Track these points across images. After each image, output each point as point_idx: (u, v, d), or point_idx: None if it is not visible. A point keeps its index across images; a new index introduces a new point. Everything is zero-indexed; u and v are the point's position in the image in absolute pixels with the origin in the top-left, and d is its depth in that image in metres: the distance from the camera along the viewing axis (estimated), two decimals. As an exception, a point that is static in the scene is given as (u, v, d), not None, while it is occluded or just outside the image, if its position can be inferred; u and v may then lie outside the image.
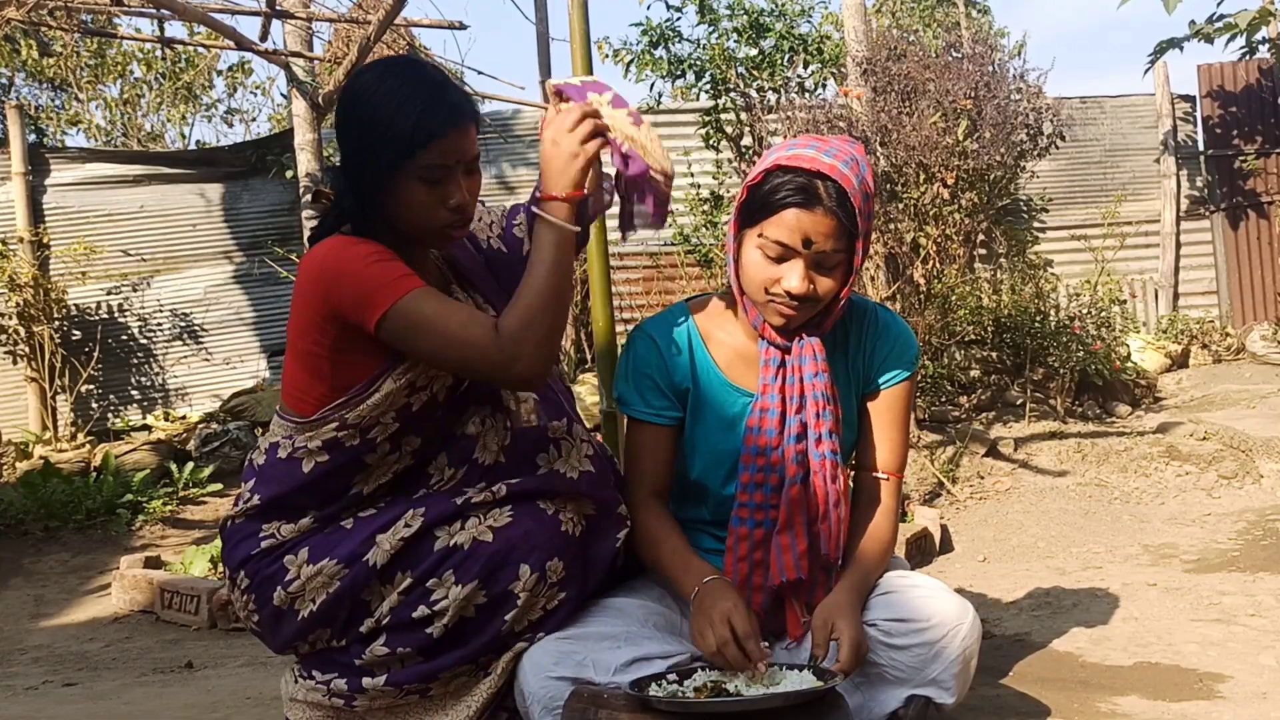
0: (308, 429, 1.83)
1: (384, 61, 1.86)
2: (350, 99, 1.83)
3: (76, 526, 5.70)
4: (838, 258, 1.89)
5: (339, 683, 1.83)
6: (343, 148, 1.86)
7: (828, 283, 1.90)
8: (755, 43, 7.25)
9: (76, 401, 7.90)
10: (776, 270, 1.89)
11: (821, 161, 1.85)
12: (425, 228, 1.83)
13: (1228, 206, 9.03)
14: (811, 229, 1.85)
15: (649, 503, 2.04)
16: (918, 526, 4.44)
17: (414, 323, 1.73)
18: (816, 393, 1.95)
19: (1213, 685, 2.29)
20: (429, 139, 1.76)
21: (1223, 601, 3.06)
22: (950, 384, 6.31)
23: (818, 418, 1.95)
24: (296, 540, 1.85)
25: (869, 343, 2.08)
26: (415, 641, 1.79)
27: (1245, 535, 4.28)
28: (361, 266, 1.74)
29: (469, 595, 1.78)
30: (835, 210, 1.85)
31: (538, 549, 1.81)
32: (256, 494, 1.87)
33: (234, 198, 8.36)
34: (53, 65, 12.69)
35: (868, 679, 1.88)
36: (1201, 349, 8.36)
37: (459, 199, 1.82)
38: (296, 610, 1.83)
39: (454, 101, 1.80)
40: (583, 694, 1.74)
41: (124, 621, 4.22)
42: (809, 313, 1.94)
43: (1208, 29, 8.00)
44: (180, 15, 5.31)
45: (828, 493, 1.94)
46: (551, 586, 1.83)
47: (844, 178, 1.85)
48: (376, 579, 1.80)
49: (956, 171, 4.99)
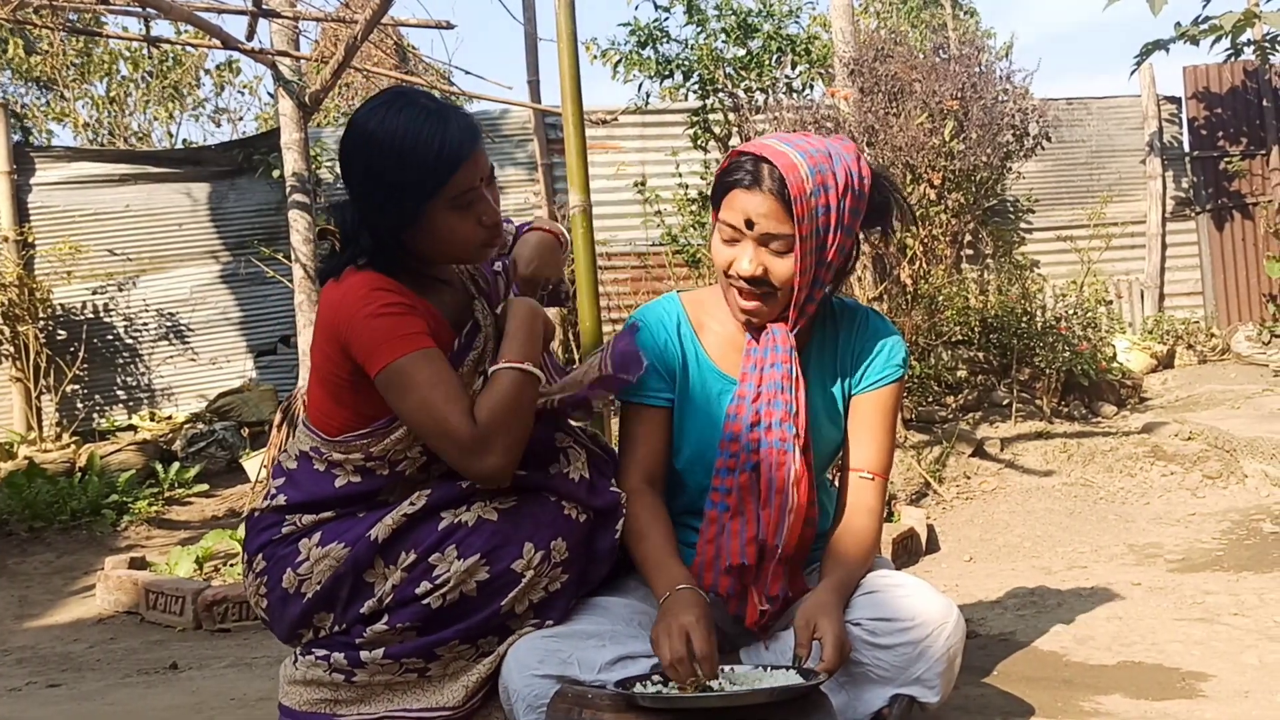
0: (337, 448, 1.90)
1: (379, 101, 1.86)
2: (358, 144, 1.83)
3: (61, 527, 5.68)
4: (786, 242, 1.90)
5: (338, 656, 1.86)
6: (357, 192, 1.87)
7: (780, 267, 1.92)
8: (743, 43, 7.26)
9: (61, 401, 7.87)
10: (731, 253, 1.95)
11: (773, 148, 1.91)
12: (463, 252, 1.89)
13: (1213, 208, 9.08)
14: (752, 209, 1.90)
15: (641, 490, 2.03)
16: (904, 526, 4.45)
17: (404, 384, 1.78)
18: (773, 382, 1.97)
19: (1196, 684, 2.29)
20: (454, 168, 1.79)
21: (1206, 601, 3.07)
22: (937, 384, 6.33)
23: (769, 405, 1.96)
24: (313, 527, 1.91)
25: (857, 344, 2.09)
26: (415, 615, 1.81)
27: (1229, 535, 4.30)
28: (373, 316, 1.79)
29: (470, 568, 1.79)
30: (775, 192, 1.88)
31: (543, 528, 1.85)
32: (284, 494, 1.95)
33: (220, 197, 8.32)
34: (39, 64, 12.63)
35: (852, 678, 1.88)
36: (1187, 349, 8.40)
37: (493, 215, 1.87)
38: (303, 593, 1.87)
39: (461, 124, 1.82)
40: (567, 694, 1.74)
41: (108, 622, 4.20)
42: (770, 303, 1.97)
43: (1193, 31, 8.04)
44: (167, 14, 5.29)
45: (771, 480, 1.94)
46: (555, 566, 1.85)
47: (790, 165, 1.88)
48: (380, 556, 1.84)
49: (943, 172, 5.00)
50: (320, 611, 1.89)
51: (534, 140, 8.33)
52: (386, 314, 1.79)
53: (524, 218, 7.37)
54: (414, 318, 1.82)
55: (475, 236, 1.87)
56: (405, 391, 1.78)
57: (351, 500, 1.93)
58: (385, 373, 1.78)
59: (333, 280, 1.88)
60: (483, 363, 1.95)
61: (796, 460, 1.94)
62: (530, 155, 8.40)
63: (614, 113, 7.59)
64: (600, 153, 8.32)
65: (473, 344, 1.95)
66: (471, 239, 1.87)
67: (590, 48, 8.11)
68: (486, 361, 1.95)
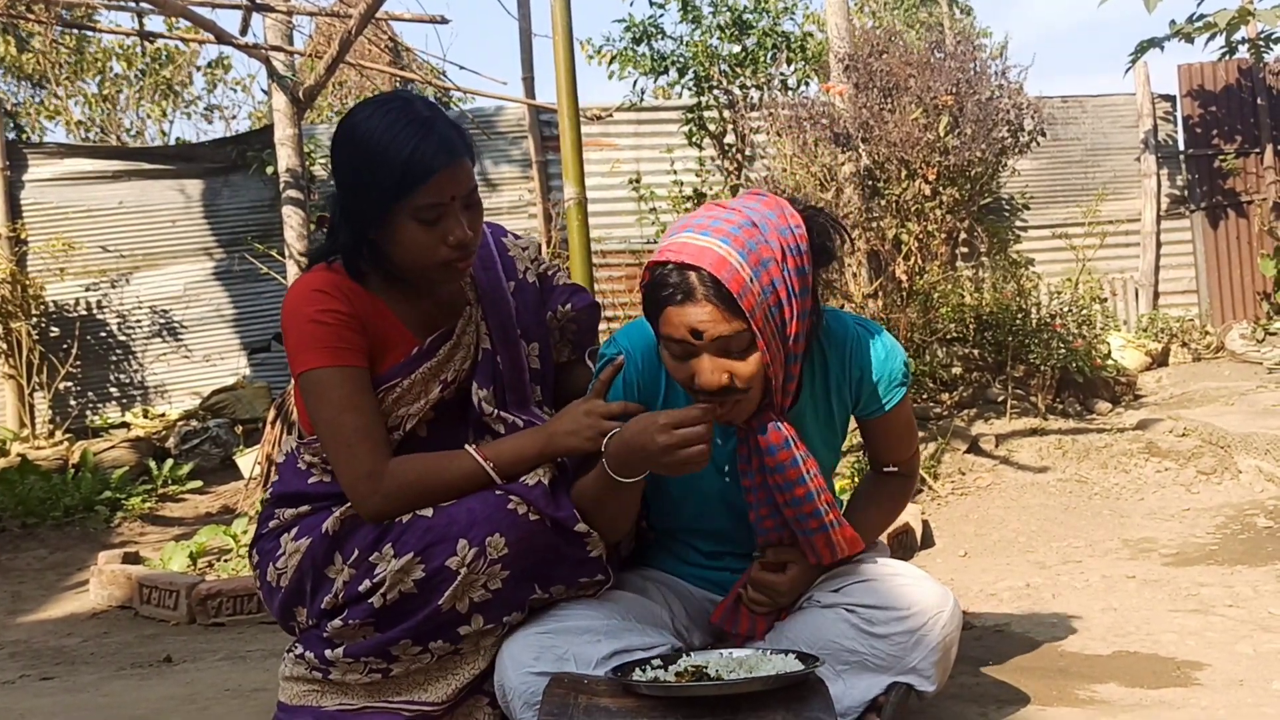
0: (308, 449, 1.95)
1: (375, 100, 1.86)
2: (341, 139, 1.84)
3: (54, 523, 5.67)
4: (743, 340, 1.73)
5: (310, 654, 1.88)
6: (338, 186, 1.88)
7: (745, 368, 1.75)
8: (738, 40, 7.27)
9: (55, 399, 7.85)
10: (688, 369, 1.77)
11: (694, 248, 1.72)
12: (425, 266, 1.86)
13: (1207, 205, 9.08)
14: (695, 321, 1.71)
15: None
16: (900, 522, 4.44)
17: (318, 396, 1.83)
18: (789, 479, 1.89)
19: (1190, 673, 2.30)
20: (421, 179, 1.77)
21: (1201, 593, 3.08)
22: (932, 381, 6.32)
23: (790, 506, 1.91)
24: (293, 522, 1.94)
25: (853, 370, 1.98)
26: (365, 612, 1.83)
27: (1224, 530, 4.30)
28: (307, 320, 1.83)
29: (405, 567, 1.79)
30: (712, 299, 1.70)
31: (478, 525, 1.81)
32: (274, 488, 2.01)
33: (214, 194, 8.30)
34: (31, 60, 12.59)
35: (849, 666, 1.88)
36: (1181, 347, 8.41)
37: (459, 235, 1.83)
38: (281, 586, 1.91)
39: (444, 137, 1.80)
40: (563, 679, 1.73)
41: (102, 617, 4.18)
42: (745, 407, 1.82)
43: (1188, 28, 8.04)
44: (161, 9, 5.28)
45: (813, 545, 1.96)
46: (493, 563, 1.81)
47: (717, 262, 1.70)
48: (338, 552, 1.86)
49: (938, 168, 5.01)
50: (294, 605, 1.93)
51: (529, 137, 8.32)
52: (320, 320, 1.82)
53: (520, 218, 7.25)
54: (347, 331, 1.84)
55: (437, 254, 1.82)
56: (318, 403, 1.84)
57: (325, 498, 1.94)
58: (304, 378, 1.84)
59: (303, 275, 1.91)
60: (444, 372, 1.95)
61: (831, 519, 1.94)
62: (525, 152, 8.38)
63: (608, 109, 7.59)
64: (595, 150, 8.31)
65: (435, 352, 1.94)
66: (432, 255, 1.83)
67: (585, 47, 8.12)
68: (450, 372, 1.95)
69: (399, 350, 1.92)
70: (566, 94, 3.35)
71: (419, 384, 1.92)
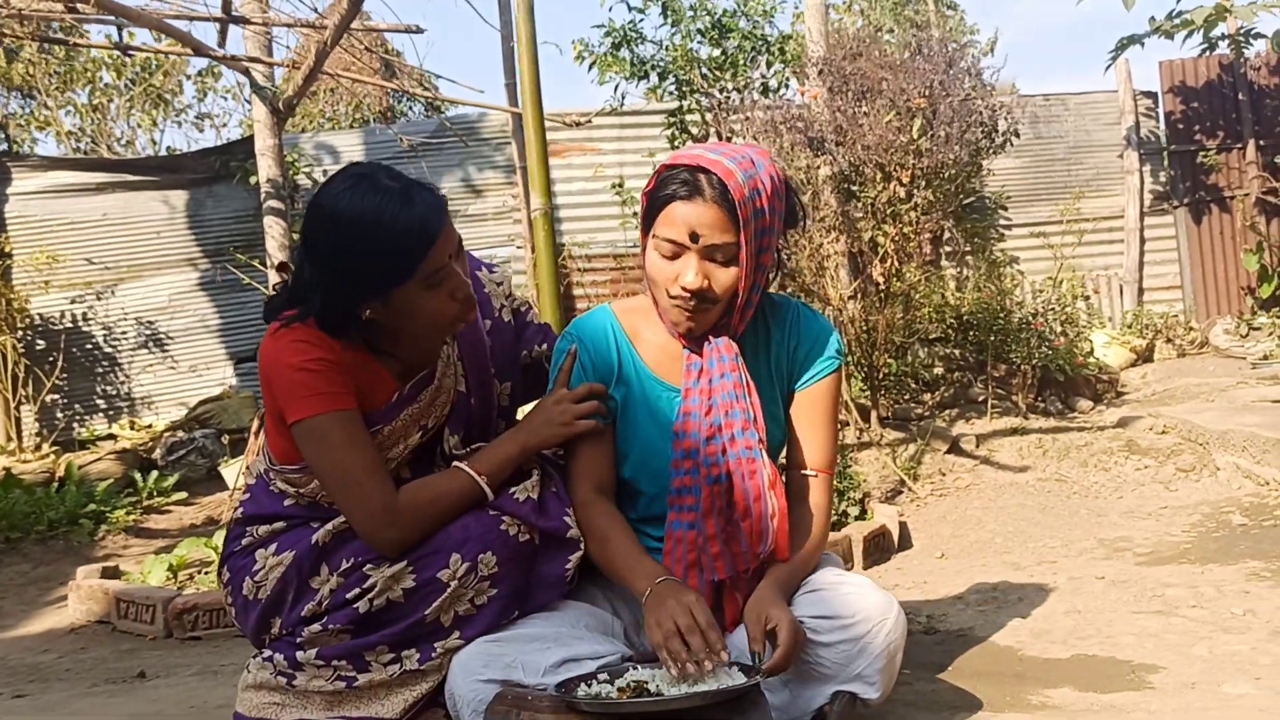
0: (280, 476, 1.98)
1: (341, 180, 1.84)
2: (326, 226, 1.81)
3: (38, 537, 5.66)
4: (729, 251, 1.89)
5: (279, 657, 1.91)
6: (320, 268, 1.84)
7: (724, 277, 1.91)
8: (718, 43, 7.27)
9: (41, 411, 7.86)
10: (673, 268, 1.91)
11: (705, 158, 1.89)
12: (439, 328, 1.90)
13: (1190, 201, 9.11)
14: (696, 221, 1.87)
15: (593, 499, 2.04)
16: (876, 524, 4.46)
17: (318, 442, 1.84)
18: (725, 393, 1.96)
19: (1144, 676, 2.31)
20: (423, 253, 1.79)
21: (1166, 593, 3.09)
22: (914, 381, 6.35)
23: (727, 416, 1.96)
24: (268, 538, 1.96)
25: (791, 340, 2.10)
26: (347, 618, 1.86)
27: (1199, 528, 4.31)
28: (296, 369, 1.84)
29: (397, 574, 1.83)
30: (718, 201, 1.86)
31: (472, 541, 1.86)
32: (243, 508, 2.03)
33: (198, 204, 8.32)
34: (21, 71, 12.60)
35: (795, 676, 1.89)
36: (1166, 343, 8.43)
37: (465, 290, 1.87)
38: (259, 599, 1.93)
39: (426, 202, 1.81)
40: (506, 696, 1.74)
41: (80, 632, 4.19)
42: (711, 313, 1.95)
43: (1167, 25, 8.07)
44: (136, 22, 5.28)
45: (746, 489, 1.94)
46: (482, 580, 1.87)
47: (726, 171, 1.86)
48: (325, 562, 1.88)
49: (912, 170, 5.02)
50: (272, 615, 1.95)
51: (512, 143, 8.33)
52: (309, 368, 1.83)
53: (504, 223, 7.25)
54: (337, 375, 1.85)
55: (448, 312, 1.87)
56: (319, 449, 1.84)
57: (298, 515, 1.99)
58: (300, 426, 1.84)
59: (275, 325, 1.90)
60: (426, 418, 1.98)
61: (767, 465, 1.94)
62: (509, 158, 8.40)
63: (588, 115, 7.60)
64: (579, 155, 8.33)
65: (416, 397, 1.97)
66: (444, 315, 1.87)
67: (576, 46, 8.11)
68: (431, 418, 1.98)
69: (380, 396, 1.94)
70: (531, 105, 3.37)
71: (400, 430, 1.96)
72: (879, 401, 5.80)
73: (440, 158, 8.41)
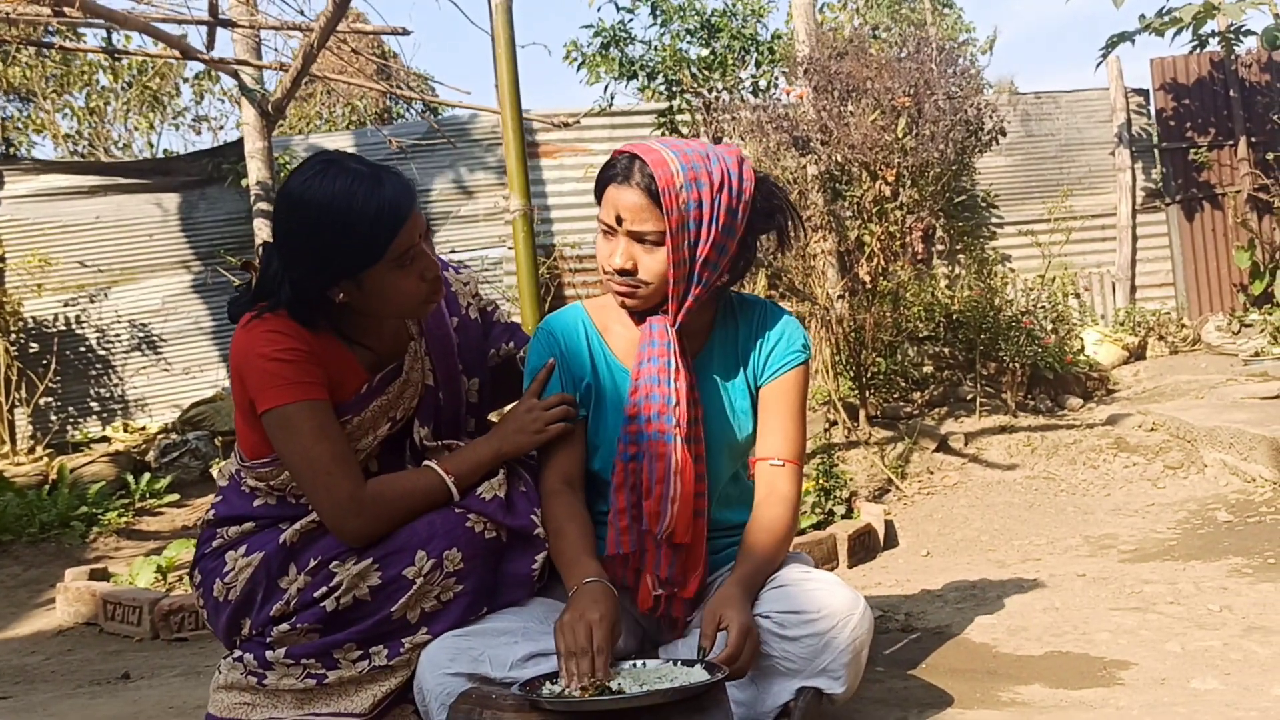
0: (251, 473, 1.99)
1: (309, 167, 1.87)
2: (296, 213, 1.84)
3: (30, 540, 5.67)
4: (653, 237, 1.95)
5: (249, 657, 1.92)
6: (292, 256, 1.87)
7: (650, 262, 1.97)
8: (707, 43, 7.29)
9: (35, 414, 7.87)
10: (608, 247, 2.01)
11: (648, 148, 1.97)
12: (409, 308, 1.93)
13: (1183, 199, 9.11)
14: (621, 205, 1.95)
15: (559, 490, 2.06)
16: (862, 523, 4.47)
17: (288, 430, 1.86)
18: (649, 376, 2.01)
19: (1116, 672, 2.32)
20: (395, 230, 1.82)
21: (1144, 590, 3.10)
22: (903, 380, 6.35)
23: (646, 399, 2.00)
24: (238, 539, 1.98)
25: (757, 335, 2.14)
26: (315, 617, 1.87)
27: (1184, 525, 4.32)
28: (268, 359, 1.86)
29: (363, 572, 1.85)
30: (644, 187, 1.93)
31: (437, 538, 1.88)
32: (215, 510, 2.05)
33: (191, 207, 8.33)
34: (18, 74, 12.61)
35: (760, 671, 1.90)
36: (1158, 341, 8.44)
37: (434, 269, 1.91)
38: (229, 600, 1.95)
39: (394, 184, 1.85)
40: (470, 695, 1.76)
41: (68, 634, 4.20)
42: (642, 294, 2.01)
43: (1157, 23, 8.07)
44: (121, 25, 5.30)
45: (652, 470, 1.98)
46: (448, 576, 1.88)
47: (659, 161, 1.94)
48: (293, 563, 1.91)
49: (897, 169, 5.03)
50: (242, 616, 1.97)
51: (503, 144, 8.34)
52: (281, 358, 1.85)
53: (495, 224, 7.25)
54: (309, 365, 1.87)
55: (418, 292, 1.90)
56: (289, 437, 1.86)
57: (268, 515, 2.01)
58: (270, 415, 1.86)
59: (247, 316, 1.91)
60: (394, 409, 2.00)
61: (677, 450, 1.97)
62: (500, 159, 8.40)
63: (576, 115, 7.61)
64: (570, 155, 8.34)
65: (385, 389, 1.99)
66: (414, 295, 1.91)
67: (568, 48, 8.13)
68: (400, 409, 2.01)
69: (350, 387, 1.96)
70: (510, 108, 3.38)
71: (369, 421, 1.98)
72: (867, 400, 5.80)
73: (432, 159, 8.42)
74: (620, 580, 2.00)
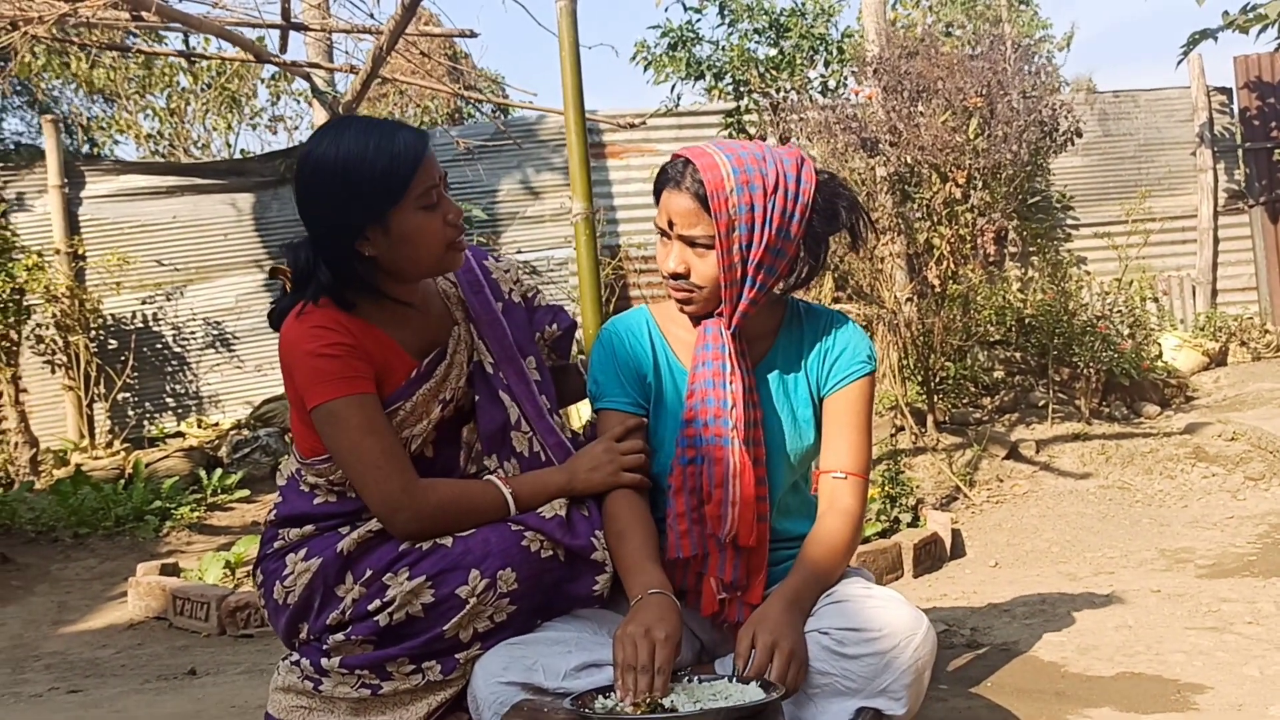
0: (310, 471, 1.99)
1: (321, 133, 1.91)
2: (313, 171, 1.87)
3: (105, 533, 5.81)
4: (704, 241, 1.93)
5: (306, 663, 1.92)
6: (316, 216, 1.89)
7: (702, 266, 1.95)
8: (776, 43, 7.22)
9: (113, 409, 8.06)
10: (665, 251, 2.00)
11: (701, 151, 1.95)
12: (436, 253, 1.92)
13: (1267, 200, 8.83)
14: (672, 209, 1.94)
15: (624, 491, 2.02)
16: (928, 531, 4.40)
17: (336, 426, 1.86)
18: (704, 380, 1.98)
19: (1190, 696, 2.23)
20: (413, 168, 1.84)
21: (1222, 609, 2.99)
22: (973, 385, 6.23)
23: (703, 403, 1.97)
24: (299, 542, 1.98)
25: (823, 346, 2.09)
26: (369, 630, 1.87)
27: (1266, 539, 4.18)
28: (314, 355, 1.86)
29: (415, 589, 1.83)
30: (693, 191, 1.91)
31: (492, 557, 1.86)
32: (276, 510, 2.05)
33: (264, 207, 8.47)
34: (102, 78, 12.93)
35: (820, 690, 1.86)
36: (1240, 346, 8.19)
37: (454, 212, 1.92)
38: (288, 604, 1.95)
39: (408, 129, 1.89)
40: (522, 707, 1.74)
41: (138, 628, 4.29)
42: (697, 298, 1.99)
43: (1241, 20, 7.81)
44: (197, 29, 5.39)
45: (711, 474, 1.95)
46: (502, 597, 1.86)
47: (710, 165, 1.91)
48: (350, 571, 1.90)
49: (968, 170, 4.93)
50: (300, 621, 1.97)
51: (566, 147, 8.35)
52: (327, 354, 1.85)
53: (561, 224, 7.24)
54: (355, 360, 1.87)
55: (444, 235, 1.90)
56: (337, 433, 1.86)
57: (331, 517, 2.00)
58: (319, 411, 1.86)
59: (292, 315, 1.92)
60: (442, 391, 1.99)
61: (736, 453, 1.93)
62: (566, 160, 8.41)
63: (642, 116, 7.58)
64: (636, 156, 8.33)
65: (432, 373, 1.99)
66: (441, 239, 1.90)
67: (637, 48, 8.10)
68: (448, 390, 2.00)
69: (399, 374, 1.96)
70: (574, 110, 3.37)
71: (420, 405, 1.97)
72: (935, 405, 5.70)
73: (499, 160, 8.46)
74: (680, 584, 1.97)
